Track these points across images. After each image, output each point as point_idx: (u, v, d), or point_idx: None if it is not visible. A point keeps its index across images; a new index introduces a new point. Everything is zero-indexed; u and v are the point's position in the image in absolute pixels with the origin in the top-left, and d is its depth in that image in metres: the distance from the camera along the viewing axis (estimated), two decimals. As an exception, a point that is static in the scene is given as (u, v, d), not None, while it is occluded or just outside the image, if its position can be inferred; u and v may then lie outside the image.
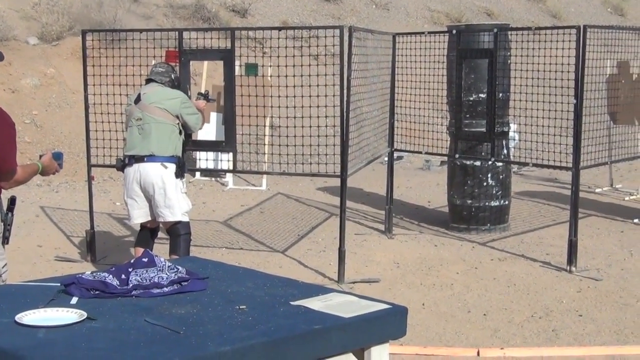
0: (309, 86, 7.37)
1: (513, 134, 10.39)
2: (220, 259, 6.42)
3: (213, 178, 12.24)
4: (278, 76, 7.76)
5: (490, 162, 8.54)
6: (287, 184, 11.91)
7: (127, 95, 7.17)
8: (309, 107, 7.64)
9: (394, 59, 8.66)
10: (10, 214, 4.05)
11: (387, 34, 8.73)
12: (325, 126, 7.48)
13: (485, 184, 8.78)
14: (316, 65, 8.41)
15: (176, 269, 3.39)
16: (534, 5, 22.40)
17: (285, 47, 7.61)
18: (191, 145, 7.26)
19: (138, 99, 6.49)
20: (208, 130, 10.26)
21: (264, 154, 10.91)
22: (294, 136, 7.47)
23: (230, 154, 7.63)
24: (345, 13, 18.64)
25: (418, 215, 9.86)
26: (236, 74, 7.64)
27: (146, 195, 6.43)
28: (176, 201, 6.38)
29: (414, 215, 9.84)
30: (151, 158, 6.37)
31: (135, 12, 15.96)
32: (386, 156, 9.30)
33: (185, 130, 6.56)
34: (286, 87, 7.44)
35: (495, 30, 8.09)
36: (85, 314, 2.93)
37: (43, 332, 2.79)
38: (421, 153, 9.04)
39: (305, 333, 2.86)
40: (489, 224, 8.83)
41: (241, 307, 3.07)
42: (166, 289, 3.27)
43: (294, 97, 7.38)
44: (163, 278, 3.31)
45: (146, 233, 6.73)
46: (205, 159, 8.97)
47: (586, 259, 7.67)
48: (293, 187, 11.74)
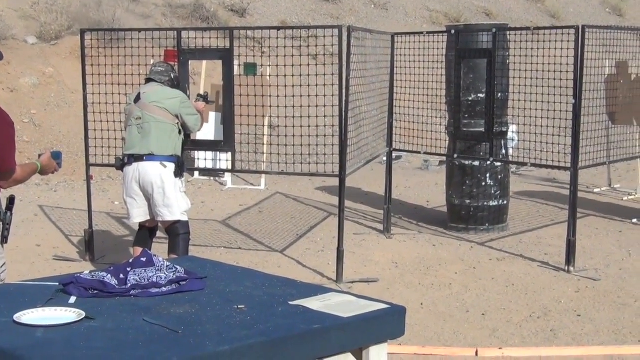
0: (308, 86, 7.37)
1: (513, 135, 10.41)
2: (218, 259, 6.42)
3: (212, 177, 12.24)
4: (277, 76, 7.75)
5: (488, 162, 8.55)
6: (286, 184, 11.91)
7: (126, 94, 7.17)
8: (308, 107, 7.63)
9: (393, 59, 8.66)
10: (9, 213, 4.04)
11: (386, 34, 8.73)
12: (324, 126, 7.47)
13: (483, 184, 8.78)
14: (315, 65, 8.40)
15: (175, 269, 3.39)
16: (533, 5, 22.41)
17: (284, 47, 7.60)
18: (190, 144, 7.25)
19: (138, 98, 6.49)
20: (207, 129, 10.25)
21: (263, 154, 10.91)
22: (293, 136, 7.47)
23: (229, 154, 7.62)
24: (344, 13, 18.65)
25: (417, 215, 9.86)
26: (235, 74, 7.64)
27: (145, 194, 6.43)
28: (175, 200, 6.38)
29: (413, 215, 9.84)
30: (150, 157, 6.36)
31: (134, 12, 15.95)
32: (385, 156, 9.31)
33: (184, 130, 6.56)
34: (285, 87, 7.44)
35: (494, 30, 8.09)
36: (83, 314, 2.93)
37: (41, 332, 2.79)
38: (420, 153, 9.04)
39: (303, 333, 2.86)
40: (488, 224, 8.83)
41: (240, 307, 3.07)
42: (165, 289, 3.27)
43: (293, 97, 7.38)
44: (161, 278, 3.31)
45: (145, 232, 6.72)
46: (204, 159, 8.95)
47: (584, 259, 7.67)
48: (292, 187, 11.74)
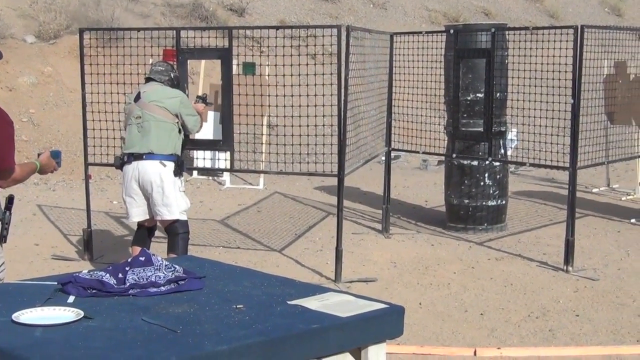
0: (307, 85, 7.37)
1: (513, 137, 10.42)
2: (217, 258, 6.41)
3: (210, 177, 12.24)
4: (275, 75, 7.75)
5: (487, 162, 8.55)
6: (285, 183, 11.91)
7: (125, 94, 7.16)
8: (307, 107, 7.63)
9: (392, 59, 8.66)
10: (8, 213, 4.04)
11: (385, 34, 8.73)
12: (322, 125, 7.48)
13: (482, 184, 8.78)
14: (314, 64, 8.40)
15: (173, 268, 3.39)
16: (532, 5, 22.42)
17: (282, 46, 7.60)
18: (189, 144, 7.25)
19: (137, 97, 6.49)
20: (205, 129, 10.25)
21: (262, 153, 10.92)
22: (292, 135, 7.47)
23: (227, 153, 7.62)
24: (342, 12, 18.65)
25: (415, 214, 9.87)
26: (234, 73, 7.64)
27: (144, 193, 6.43)
28: (174, 199, 6.38)
29: (411, 214, 9.85)
30: (150, 156, 6.36)
31: (132, 11, 15.95)
32: (383, 155, 9.30)
33: (183, 130, 6.55)
34: (284, 86, 7.44)
35: (492, 30, 8.09)
36: (82, 313, 2.93)
37: (40, 331, 2.79)
38: (418, 152, 9.04)
39: (302, 332, 2.86)
40: (486, 224, 8.83)
41: (238, 307, 3.07)
42: (163, 288, 3.26)
43: (292, 97, 7.37)
44: (160, 277, 3.31)
45: (143, 232, 6.72)
46: (202, 158, 8.95)
47: (583, 259, 7.67)
48: (290, 186, 11.74)
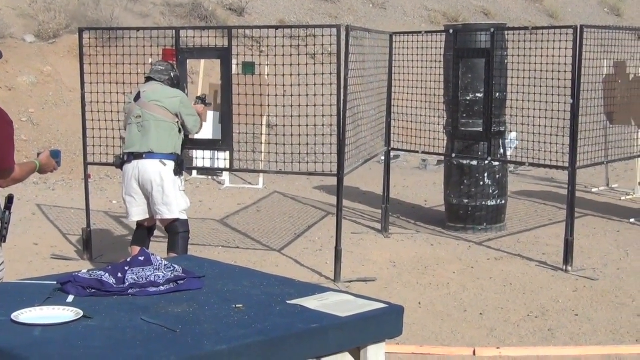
0: (306, 85, 7.37)
1: (513, 139, 10.42)
2: (216, 258, 6.41)
3: (210, 176, 12.24)
4: (275, 75, 7.75)
5: (486, 162, 8.55)
6: (284, 183, 11.91)
7: (124, 93, 7.16)
8: (306, 106, 7.64)
9: (391, 58, 8.66)
10: (7, 212, 4.03)
11: (384, 33, 8.73)
12: (322, 125, 7.48)
13: (481, 184, 8.78)
14: (313, 64, 8.40)
15: (172, 268, 3.39)
16: (531, 5, 22.42)
17: (282, 46, 7.59)
18: (188, 143, 7.25)
19: (138, 97, 6.50)
20: (205, 128, 10.24)
21: (261, 153, 10.91)
22: (291, 135, 7.47)
23: (227, 153, 7.62)
24: (342, 12, 18.65)
25: (414, 214, 9.87)
26: (233, 73, 7.64)
27: (144, 192, 6.43)
28: (174, 198, 6.37)
29: (411, 214, 9.85)
30: (150, 155, 6.36)
31: (132, 11, 15.95)
32: (383, 155, 9.31)
33: (183, 130, 6.55)
34: (283, 86, 7.44)
35: (492, 29, 8.09)
36: (81, 313, 2.93)
37: (39, 331, 2.79)
38: (418, 152, 9.04)
39: (301, 332, 2.86)
40: (486, 224, 8.83)
41: (237, 306, 3.07)
42: (162, 288, 3.27)
43: (291, 96, 7.37)
44: (159, 277, 3.31)
45: (143, 232, 6.72)
46: (202, 158, 8.95)
47: (582, 259, 7.68)
48: (290, 186, 11.74)
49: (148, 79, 6.62)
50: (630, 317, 6.14)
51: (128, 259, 3.44)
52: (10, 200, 4.06)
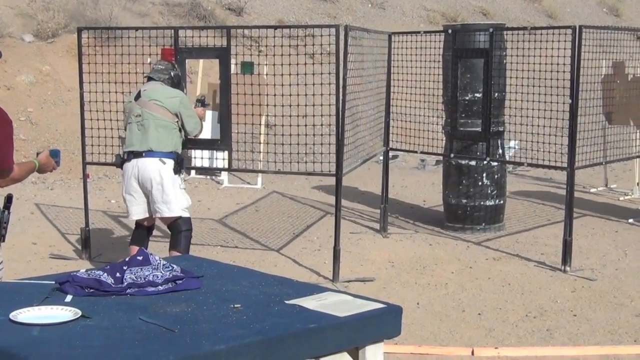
0: (305, 85, 7.36)
1: (512, 147, 10.43)
2: (215, 257, 6.41)
3: (208, 176, 12.23)
4: (274, 75, 7.75)
5: (485, 162, 8.55)
6: (283, 183, 11.91)
7: (123, 93, 7.16)
8: (305, 106, 7.64)
9: (390, 58, 8.66)
10: (6, 212, 4.03)
11: (383, 33, 8.73)
12: (320, 125, 7.48)
13: (480, 184, 8.78)
14: (312, 64, 8.41)
15: (171, 268, 3.39)
16: (530, 5, 22.42)
17: (281, 46, 7.59)
18: (188, 143, 7.24)
19: (138, 96, 6.50)
20: (204, 128, 10.24)
21: (260, 153, 10.91)
22: (290, 135, 7.47)
23: (225, 152, 7.62)
24: (341, 12, 18.64)
25: (413, 214, 9.87)
26: (232, 73, 7.63)
27: (144, 190, 6.42)
28: (174, 197, 6.37)
29: (409, 214, 9.85)
30: (149, 153, 6.36)
31: (131, 10, 15.94)
32: (381, 155, 9.31)
33: (183, 130, 6.53)
34: (282, 86, 7.44)
35: (491, 30, 8.09)
36: (79, 312, 2.93)
37: (37, 330, 2.79)
38: (416, 152, 9.04)
39: (300, 332, 2.87)
40: (484, 224, 8.83)
41: (236, 306, 3.07)
42: (161, 288, 3.27)
43: (290, 96, 7.37)
44: (158, 276, 3.31)
45: (141, 231, 6.72)
46: (200, 157, 8.95)
47: (581, 259, 7.68)
48: (288, 186, 11.74)
49: (149, 79, 6.63)
50: (628, 318, 6.14)
51: (126, 259, 3.44)
52: (9, 199, 4.06)
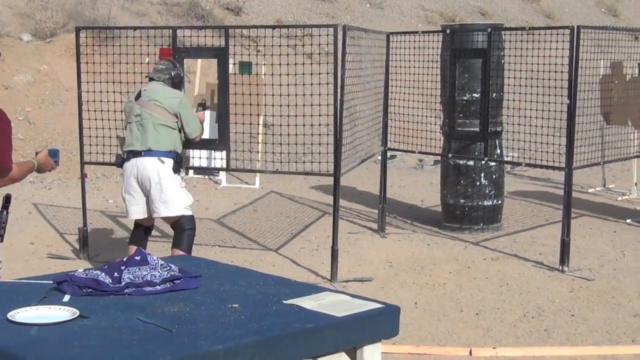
0: (303, 85, 7.36)
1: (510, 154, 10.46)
2: (213, 257, 6.41)
3: (206, 176, 12.23)
4: (272, 74, 7.75)
5: (483, 162, 8.55)
6: (281, 183, 11.91)
7: (121, 92, 7.16)
8: (303, 106, 7.62)
9: (388, 58, 8.67)
10: (5, 212, 4.02)
11: (381, 33, 8.73)
12: (319, 125, 7.48)
13: (478, 184, 8.79)
14: (310, 64, 8.39)
15: (169, 267, 3.39)
16: (528, 5, 22.44)
17: (279, 46, 7.58)
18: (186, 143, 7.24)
19: (138, 96, 6.50)
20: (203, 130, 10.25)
21: (258, 152, 10.91)
22: (288, 135, 7.47)
23: (223, 152, 7.62)
24: (339, 12, 18.65)
25: (411, 214, 9.87)
26: (230, 72, 7.63)
27: (143, 190, 6.42)
28: (173, 196, 6.36)
29: (407, 214, 9.85)
30: (148, 153, 6.36)
31: (129, 10, 15.94)
32: (379, 155, 9.31)
33: (183, 132, 6.51)
34: (280, 86, 7.44)
35: (489, 30, 8.10)
36: (77, 312, 2.93)
37: (35, 330, 2.79)
38: (414, 152, 9.04)
39: (297, 332, 2.87)
40: (482, 224, 8.84)
41: (234, 306, 3.08)
42: (159, 287, 3.27)
43: (288, 96, 7.37)
44: (156, 276, 3.31)
45: (140, 231, 6.71)
46: (198, 157, 8.94)
47: (579, 259, 7.68)
48: (286, 186, 11.74)
49: (151, 79, 6.63)
50: (626, 318, 6.15)
51: (124, 259, 3.45)
52: (7, 199, 4.05)
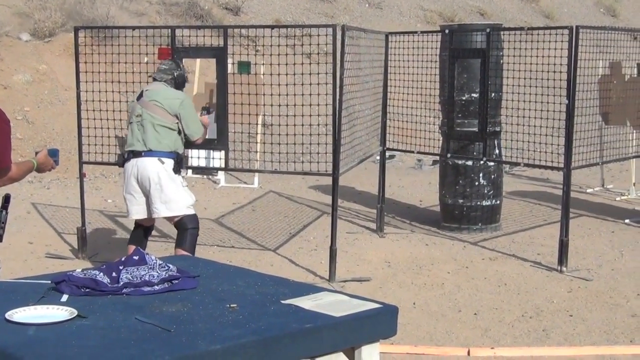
0: (302, 85, 7.36)
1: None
2: (211, 257, 6.41)
3: (205, 176, 12.23)
4: (271, 74, 7.75)
5: (482, 162, 8.55)
6: (279, 182, 11.91)
7: (120, 92, 7.16)
8: (302, 106, 7.63)
9: (387, 58, 8.67)
10: (4, 212, 4.01)
11: (380, 33, 8.73)
12: (317, 125, 7.48)
13: (476, 184, 8.79)
14: (309, 63, 8.40)
15: (167, 267, 3.39)
16: (527, 5, 22.44)
17: (278, 46, 7.58)
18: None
19: (140, 96, 6.51)
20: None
21: (256, 152, 10.91)
22: (286, 134, 7.47)
23: (222, 152, 7.62)
24: (338, 12, 18.65)
25: (409, 214, 9.87)
26: (229, 72, 7.63)
27: (143, 190, 6.41)
28: (174, 196, 6.35)
29: (406, 214, 9.85)
30: (149, 153, 6.36)
31: (128, 9, 15.93)
32: (378, 155, 9.31)
33: (183, 134, 6.50)
34: (279, 86, 7.44)
35: (487, 30, 8.10)
36: (75, 312, 2.93)
37: (33, 330, 2.79)
38: (413, 152, 9.04)
39: (296, 332, 2.87)
40: (481, 224, 8.84)
41: (232, 306, 3.08)
42: (157, 287, 3.27)
43: (287, 96, 7.37)
44: (154, 276, 3.31)
45: (140, 232, 6.71)
46: (197, 157, 8.94)
47: (577, 259, 7.69)
48: (285, 186, 11.74)
49: (154, 79, 6.63)
50: (624, 318, 6.15)
51: (122, 258, 3.45)
52: (7, 199, 4.05)
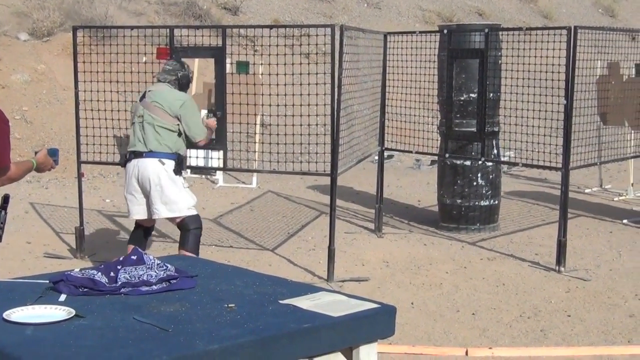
0: (300, 85, 7.37)
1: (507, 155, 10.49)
2: (209, 257, 6.42)
3: (203, 175, 12.23)
4: (269, 74, 7.76)
5: (480, 162, 8.56)
6: (278, 182, 11.91)
7: (118, 92, 7.16)
8: (300, 106, 7.63)
9: (385, 58, 8.67)
10: (3, 212, 4.01)
11: (379, 33, 8.73)
12: (315, 125, 7.48)
13: (475, 184, 8.79)
14: (307, 63, 8.40)
15: (165, 267, 3.39)
16: (526, 5, 22.45)
17: (276, 46, 7.59)
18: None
19: (143, 97, 6.51)
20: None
21: (255, 152, 10.90)
22: (285, 134, 7.47)
23: (220, 152, 7.62)
24: (336, 12, 18.65)
25: (408, 214, 9.87)
26: (227, 72, 7.63)
27: (144, 191, 6.42)
28: (175, 197, 6.36)
29: (404, 214, 9.85)
30: (150, 154, 6.37)
31: (126, 9, 15.93)
32: (376, 155, 9.31)
33: (184, 135, 6.49)
34: (277, 86, 7.44)
35: (486, 30, 8.10)
36: (73, 312, 2.93)
37: (31, 330, 2.79)
38: (411, 152, 9.04)
39: (294, 332, 2.87)
40: (479, 224, 8.85)
41: (230, 306, 3.08)
42: (155, 287, 3.27)
43: (285, 96, 7.37)
44: (152, 276, 3.31)
45: (140, 232, 6.71)
46: (195, 157, 8.94)
47: (575, 259, 7.69)
48: (283, 185, 11.74)
49: (158, 80, 6.63)
50: (622, 318, 6.15)
51: (120, 258, 3.44)
52: (5, 199, 4.04)
